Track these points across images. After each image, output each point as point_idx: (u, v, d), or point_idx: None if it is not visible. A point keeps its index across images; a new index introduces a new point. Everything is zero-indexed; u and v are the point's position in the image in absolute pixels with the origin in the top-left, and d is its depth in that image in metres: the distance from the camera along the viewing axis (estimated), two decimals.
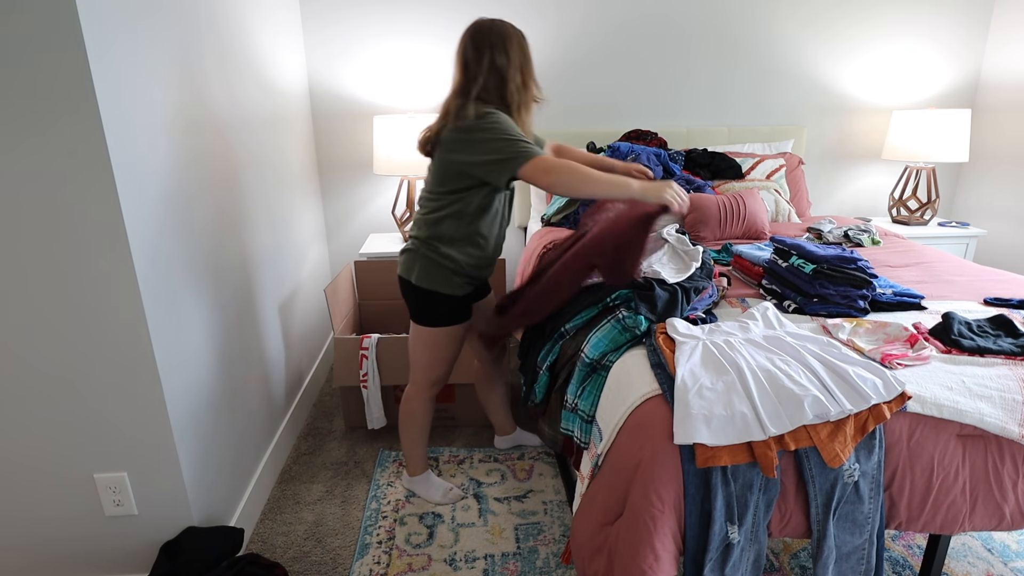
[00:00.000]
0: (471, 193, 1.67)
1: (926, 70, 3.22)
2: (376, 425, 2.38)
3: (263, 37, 2.30)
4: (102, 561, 1.61)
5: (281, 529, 1.92)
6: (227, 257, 1.87)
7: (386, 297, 2.89)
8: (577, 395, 1.51)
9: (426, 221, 1.73)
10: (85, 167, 1.27)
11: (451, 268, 1.74)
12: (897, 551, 1.79)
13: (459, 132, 1.60)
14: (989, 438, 1.20)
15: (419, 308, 1.80)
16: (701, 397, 1.20)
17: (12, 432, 1.46)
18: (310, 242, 2.88)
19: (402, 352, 2.32)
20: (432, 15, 2.91)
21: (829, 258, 1.67)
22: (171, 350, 1.50)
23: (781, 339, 1.42)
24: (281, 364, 2.34)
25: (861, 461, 1.16)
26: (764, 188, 2.82)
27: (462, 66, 1.65)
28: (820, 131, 3.28)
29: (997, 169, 3.22)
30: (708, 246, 2.36)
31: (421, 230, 1.75)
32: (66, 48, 1.20)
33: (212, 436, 1.71)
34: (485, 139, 1.57)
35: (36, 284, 1.35)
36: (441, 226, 1.71)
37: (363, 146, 3.07)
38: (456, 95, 1.66)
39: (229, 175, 1.91)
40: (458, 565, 1.76)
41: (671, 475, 1.15)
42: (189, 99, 1.64)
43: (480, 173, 1.61)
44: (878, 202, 3.45)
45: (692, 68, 3.09)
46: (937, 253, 2.25)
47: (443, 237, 1.71)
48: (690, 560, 1.16)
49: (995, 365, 1.34)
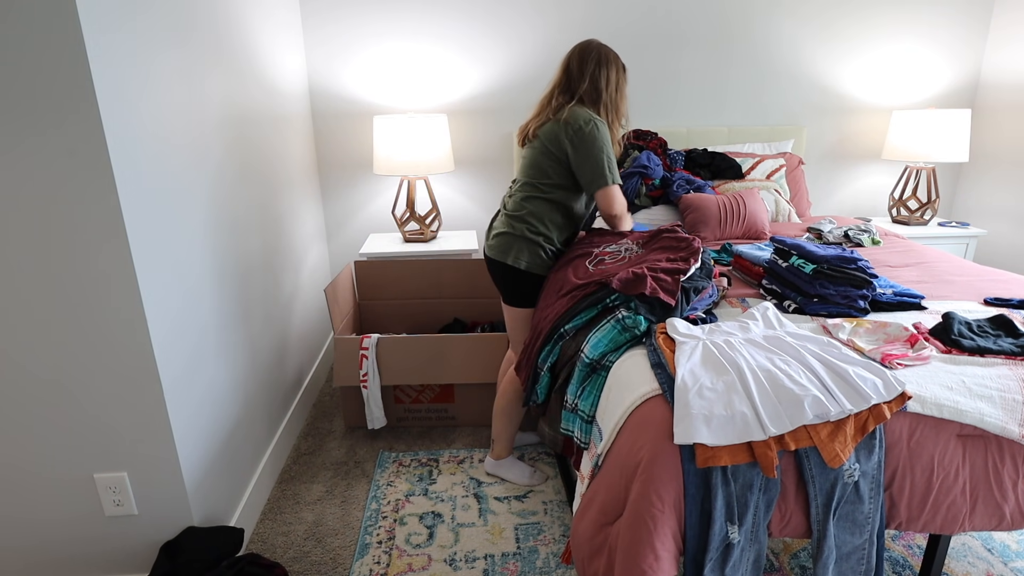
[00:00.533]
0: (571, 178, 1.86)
1: (926, 70, 3.22)
2: (376, 425, 2.38)
3: (263, 37, 2.30)
4: (102, 561, 1.61)
5: (281, 529, 1.92)
6: (227, 257, 1.87)
7: (386, 297, 2.89)
8: (577, 395, 1.51)
9: (524, 203, 1.88)
10: (85, 167, 1.27)
11: (551, 248, 1.88)
12: (897, 551, 1.79)
13: (570, 128, 1.80)
14: (989, 438, 1.20)
15: (517, 291, 1.91)
16: (701, 397, 1.20)
17: (12, 432, 1.46)
18: (310, 242, 2.88)
19: (402, 352, 2.32)
20: (432, 15, 2.91)
21: (829, 258, 1.67)
22: (171, 350, 1.50)
23: (781, 339, 1.41)
24: (281, 364, 2.34)
25: (861, 461, 1.16)
26: (764, 188, 2.82)
27: (565, 71, 1.89)
28: (820, 131, 3.28)
29: (997, 169, 3.22)
30: (708, 246, 2.36)
31: (521, 210, 1.88)
32: (66, 48, 1.20)
33: (212, 436, 1.71)
34: (592, 145, 1.79)
35: (36, 284, 1.35)
36: (542, 207, 1.87)
37: (363, 146, 3.07)
38: (559, 95, 1.88)
39: (229, 175, 1.91)
40: (458, 565, 1.76)
41: (671, 475, 1.15)
42: (189, 99, 1.64)
43: (576, 171, 1.83)
44: (878, 202, 3.45)
45: (692, 68, 3.09)
46: (937, 253, 2.25)
47: (543, 217, 1.87)
48: (690, 560, 1.16)
49: (995, 365, 1.34)
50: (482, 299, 2.90)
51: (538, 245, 1.86)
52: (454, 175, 3.16)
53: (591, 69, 1.85)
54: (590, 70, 1.85)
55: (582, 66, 1.86)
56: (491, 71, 3.01)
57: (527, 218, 1.87)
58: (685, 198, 2.56)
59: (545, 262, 1.89)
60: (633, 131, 2.92)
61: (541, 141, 1.86)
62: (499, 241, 1.90)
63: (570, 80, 1.88)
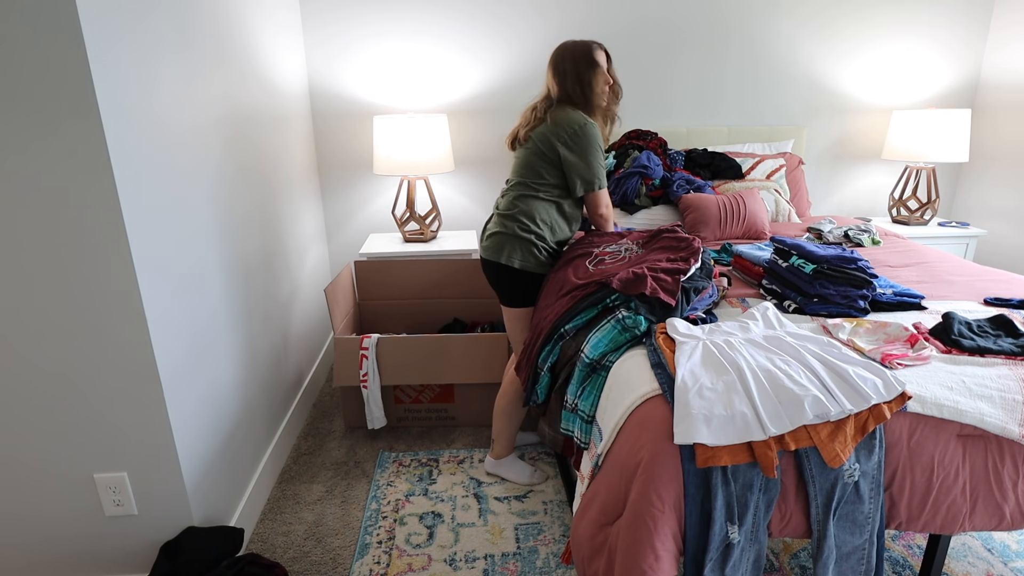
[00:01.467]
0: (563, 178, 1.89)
1: (926, 70, 3.22)
2: (376, 425, 2.38)
3: (263, 37, 2.30)
4: (102, 561, 1.61)
5: (281, 529, 1.92)
6: (227, 257, 1.87)
7: (386, 297, 2.89)
8: (577, 395, 1.51)
9: (516, 202, 1.89)
10: (85, 168, 1.27)
11: (544, 246, 1.88)
12: (897, 551, 1.79)
13: (563, 130, 1.83)
14: (989, 438, 1.20)
15: (513, 290, 1.91)
16: (701, 397, 1.20)
17: (13, 432, 1.46)
18: (310, 242, 2.88)
19: (402, 352, 2.32)
20: (432, 15, 2.91)
21: (829, 258, 1.67)
22: (171, 350, 1.50)
23: (781, 339, 1.41)
24: (281, 364, 2.34)
25: (861, 461, 1.16)
26: (764, 188, 2.82)
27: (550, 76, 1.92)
28: (820, 131, 3.27)
29: (997, 169, 3.22)
30: (708, 246, 2.36)
31: (513, 208, 1.89)
32: (66, 49, 1.20)
33: (212, 436, 1.71)
34: (585, 148, 1.83)
35: (37, 284, 1.35)
36: (534, 205, 1.87)
37: (363, 146, 3.07)
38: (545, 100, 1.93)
39: (229, 175, 1.91)
40: (458, 565, 1.76)
41: (671, 475, 1.15)
42: (189, 99, 1.64)
43: (567, 173, 1.86)
44: (878, 202, 3.45)
45: (692, 68, 3.09)
46: (937, 253, 2.25)
47: (535, 216, 1.87)
48: (690, 560, 1.16)
49: (995, 365, 1.34)
50: (482, 299, 2.90)
51: (531, 243, 1.87)
52: (454, 175, 3.16)
53: (572, 72, 1.87)
54: (572, 74, 1.88)
55: (563, 70, 1.89)
56: (491, 71, 3.01)
57: (518, 216, 1.87)
58: (685, 198, 2.56)
59: (539, 260, 1.89)
60: (633, 131, 2.92)
61: (534, 142, 1.87)
62: (492, 241, 1.90)
63: (555, 85, 1.91)
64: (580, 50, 1.89)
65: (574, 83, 1.88)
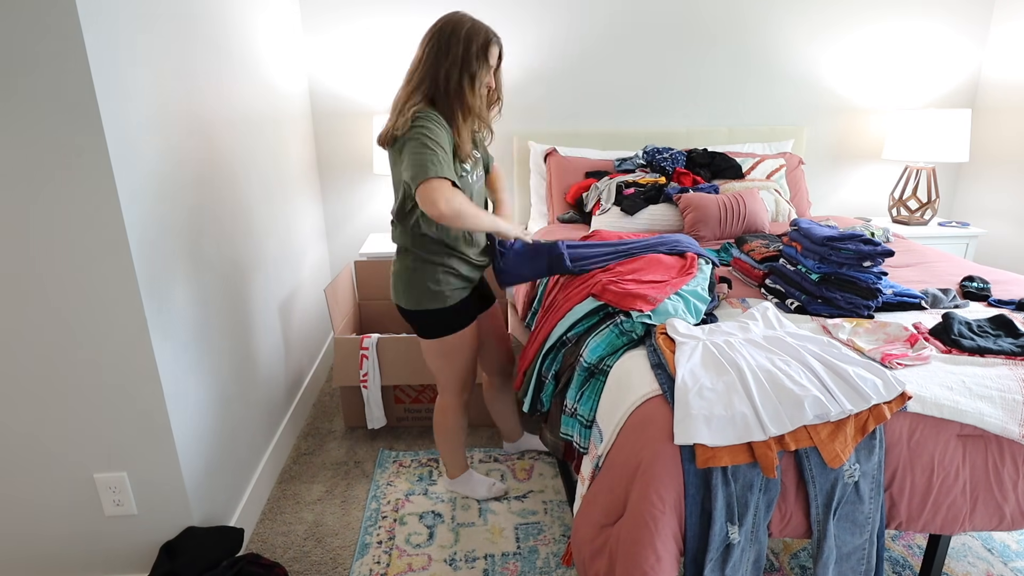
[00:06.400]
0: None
1: (926, 70, 3.21)
2: (376, 425, 2.37)
3: (263, 37, 2.29)
4: (102, 561, 1.61)
5: (281, 529, 1.92)
6: (227, 257, 1.87)
7: (386, 297, 2.89)
8: (576, 400, 1.51)
9: (397, 237, 1.69)
10: (85, 167, 1.27)
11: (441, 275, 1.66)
12: (897, 551, 1.79)
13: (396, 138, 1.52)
14: (989, 438, 1.20)
15: (417, 326, 1.76)
16: (701, 397, 1.20)
17: (12, 432, 1.46)
18: (310, 242, 2.88)
19: (402, 352, 2.31)
20: (432, 15, 2.89)
21: (834, 239, 1.65)
22: (171, 350, 1.50)
23: (781, 339, 1.42)
24: (281, 364, 2.34)
25: (861, 461, 1.16)
26: (764, 188, 2.82)
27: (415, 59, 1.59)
28: (820, 131, 3.27)
29: (997, 169, 3.22)
30: (708, 246, 2.36)
31: (396, 243, 1.70)
32: (66, 48, 1.20)
33: (212, 436, 1.71)
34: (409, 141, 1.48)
35: (36, 284, 1.35)
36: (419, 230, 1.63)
37: (363, 146, 3.07)
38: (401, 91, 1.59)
39: (229, 175, 1.91)
40: (458, 565, 1.76)
41: (672, 475, 1.15)
42: (189, 99, 1.64)
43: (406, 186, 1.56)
44: (878, 202, 3.45)
45: (692, 68, 3.08)
46: (937, 253, 2.25)
47: (424, 243, 1.64)
48: (691, 560, 1.16)
49: (995, 365, 1.34)
50: None
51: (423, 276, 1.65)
52: None
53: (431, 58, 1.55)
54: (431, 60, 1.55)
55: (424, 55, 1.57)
56: None
57: (399, 253, 1.70)
58: (685, 197, 2.56)
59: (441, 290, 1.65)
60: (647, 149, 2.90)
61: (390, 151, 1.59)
62: (392, 282, 1.73)
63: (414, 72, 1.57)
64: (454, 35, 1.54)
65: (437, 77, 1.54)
